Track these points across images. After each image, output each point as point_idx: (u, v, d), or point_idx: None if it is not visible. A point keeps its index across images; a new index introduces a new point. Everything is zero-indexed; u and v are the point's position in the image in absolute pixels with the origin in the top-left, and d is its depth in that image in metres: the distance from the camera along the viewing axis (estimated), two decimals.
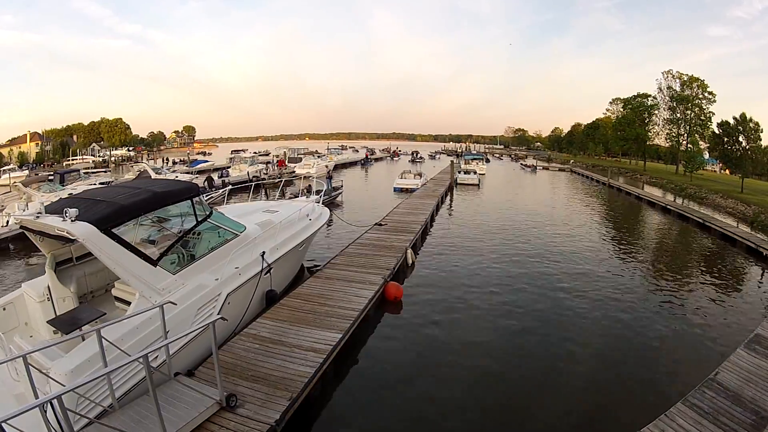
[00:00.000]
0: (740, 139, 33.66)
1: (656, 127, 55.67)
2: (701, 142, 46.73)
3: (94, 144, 79.77)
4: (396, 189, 27.82)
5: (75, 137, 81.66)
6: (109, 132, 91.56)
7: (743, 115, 33.00)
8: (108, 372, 3.74)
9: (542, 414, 5.75)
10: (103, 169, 37.97)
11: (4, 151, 57.19)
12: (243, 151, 68.82)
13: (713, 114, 47.55)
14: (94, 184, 21.49)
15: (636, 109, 56.37)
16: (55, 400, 3.16)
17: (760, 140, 33.38)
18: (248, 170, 32.16)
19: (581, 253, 13.91)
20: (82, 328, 4.63)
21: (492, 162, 65.51)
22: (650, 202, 26.67)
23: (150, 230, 6.58)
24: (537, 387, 6.37)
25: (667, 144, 55.62)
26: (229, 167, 36.19)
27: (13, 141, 64.79)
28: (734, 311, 9.54)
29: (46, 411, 3.28)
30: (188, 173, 35.37)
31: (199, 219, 6.58)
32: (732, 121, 34.10)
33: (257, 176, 29.83)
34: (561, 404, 5.95)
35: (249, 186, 17.28)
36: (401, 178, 29.54)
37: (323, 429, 5.40)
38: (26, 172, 37.36)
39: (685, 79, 50.28)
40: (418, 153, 68.64)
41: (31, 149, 59.29)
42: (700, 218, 19.77)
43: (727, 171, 48.50)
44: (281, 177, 25.20)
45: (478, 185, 33.19)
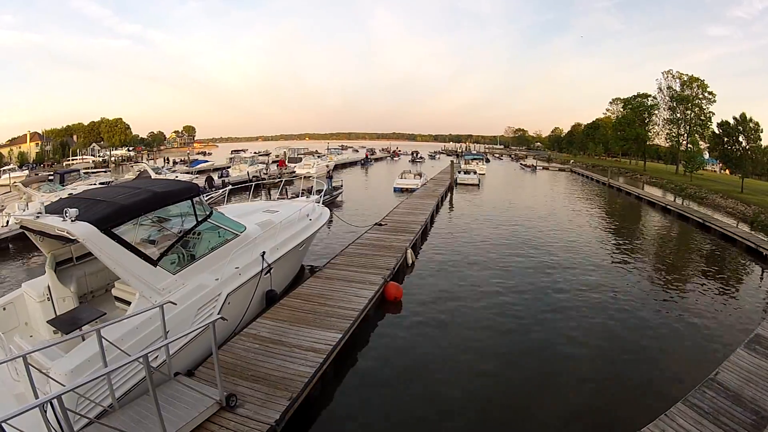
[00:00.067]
0: (740, 139, 33.70)
1: (656, 127, 55.82)
2: (701, 142, 46.72)
3: (94, 144, 79.77)
4: (396, 189, 27.81)
5: (75, 137, 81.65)
6: (109, 132, 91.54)
7: (743, 115, 33.05)
8: (108, 372, 3.74)
9: (542, 414, 5.75)
10: (103, 169, 37.96)
11: (4, 151, 57.19)
12: (243, 151, 68.84)
13: (713, 114, 47.69)
14: (94, 184, 21.49)
15: (636, 109, 56.41)
16: (55, 400, 3.16)
17: (760, 140, 33.45)
18: (248, 170, 32.18)
19: (581, 253, 13.91)
20: (82, 328, 4.63)
21: (492, 162, 65.51)
22: (650, 202, 26.67)
23: (150, 230, 6.58)
24: (537, 387, 6.37)
25: (667, 144, 55.67)
26: (229, 167, 36.21)
27: (13, 141, 64.80)
28: (734, 311, 9.55)
29: (46, 411, 3.27)
30: (188, 173, 35.39)
31: (199, 219, 6.58)
32: (732, 121, 34.14)
33: (257, 176, 29.83)
34: (561, 404, 5.95)
35: (249, 186, 17.29)
36: (401, 178, 29.53)
37: (323, 429, 5.39)
38: (26, 172, 37.37)
39: (685, 79, 50.33)
40: (418, 153, 68.66)
41: (31, 149, 59.29)
42: (700, 218, 19.77)
43: (727, 171, 48.51)
44: (281, 177, 25.21)
45: (478, 185, 33.18)
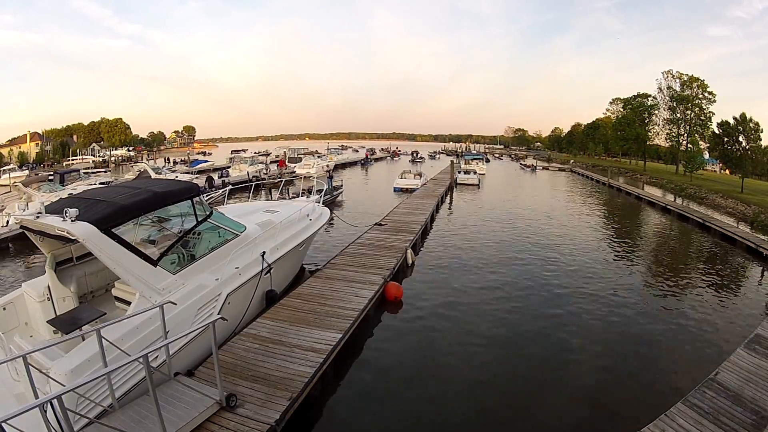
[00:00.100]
0: (740, 139, 33.71)
1: (656, 127, 55.85)
2: (701, 142, 46.69)
3: (94, 144, 79.77)
4: (396, 189, 27.82)
5: (75, 137, 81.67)
6: (109, 132, 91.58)
7: (743, 115, 33.05)
8: (108, 372, 3.74)
9: (542, 414, 5.75)
10: (103, 169, 37.95)
11: (4, 151, 57.19)
12: (243, 151, 68.81)
13: (713, 114, 47.72)
14: (94, 184, 21.50)
15: (636, 109, 56.42)
16: (55, 400, 3.16)
17: (760, 140, 33.45)
18: (248, 170, 32.19)
19: (581, 253, 13.91)
20: (82, 328, 4.63)
21: (492, 162, 65.53)
22: (650, 202, 26.66)
23: (150, 230, 6.58)
24: (537, 387, 6.37)
25: (667, 144, 55.67)
26: (229, 167, 36.20)
27: (13, 141, 64.81)
28: (734, 311, 9.54)
29: (46, 411, 3.27)
30: (188, 173, 35.39)
31: (200, 219, 6.57)
32: (732, 121, 34.14)
33: (257, 176, 29.83)
34: (561, 404, 5.94)
35: (249, 186, 17.29)
36: (401, 178, 29.53)
37: (323, 429, 5.39)
38: (26, 172, 37.36)
39: (685, 79, 50.35)
40: (418, 153, 68.71)
41: (31, 149, 59.28)
42: (700, 218, 19.76)
43: (727, 171, 48.52)
44: (281, 177, 25.21)
45: (478, 185, 33.18)
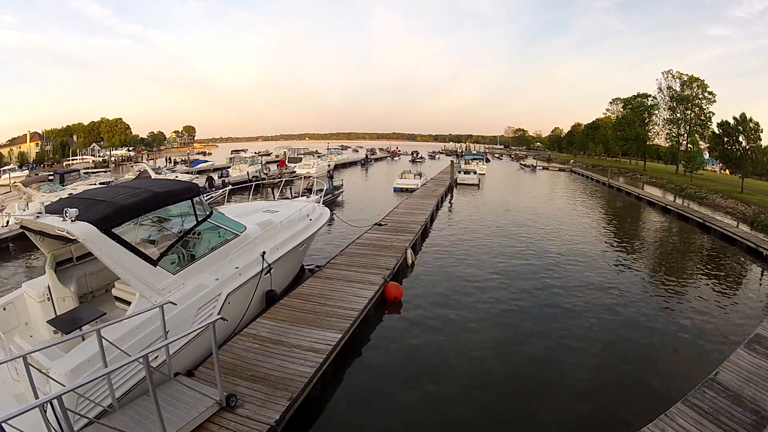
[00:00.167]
0: (740, 139, 33.72)
1: (656, 127, 55.88)
2: (701, 142, 46.69)
3: (94, 144, 79.76)
4: (396, 189, 27.82)
5: (75, 137, 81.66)
6: (109, 132, 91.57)
7: (743, 115, 33.06)
8: (108, 372, 3.74)
9: (542, 414, 5.75)
10: (103, 169, 37.95)
11: (4, 151, 57.17)
12: (243, 151, 68.76)
13: (713, 114, 47.76)
14: (94, 184, 21.49)
15: (636, 109, 56.43)
16: (55, 400, 3.16)
17: (760, 140, 33.47)
18: (248, 170, 32.19)
19: (581, 253, 13.91)
20: (82, 328, 4.63)
21: (492, 162, 65.56)
22: (650, 202, 26.67)
23: (150, 230, 6.58)
24: (537, 387, 6.37)
25: (667, 144, 55.70)
26: (229, 167, 36.20)
27: (13, 141, 64.79)
28: (734, 311, 9.54)
29: (46, 411, 3.27)
30: (188, 173, 35.39)
31: (200, 219, 6.57)
32: (732, 121, 34.16)
33: (257, 176, 29.84)
34: (561, 404, 5.94)
35: (249, 186, 17.29)
36: (401, 178, 29.54)
37: (323, 429, 5.39)
38: (26, 172, 37.33)
39: (685, 79, 50.37)
40: (418, 153, 68.78)
41: (31, 149, 59.26)
42: (700, 218, 19.77)
43: (727, 171, 48.52)
44: (281, 177, 25.21)
45: (478, 185, 33.19)
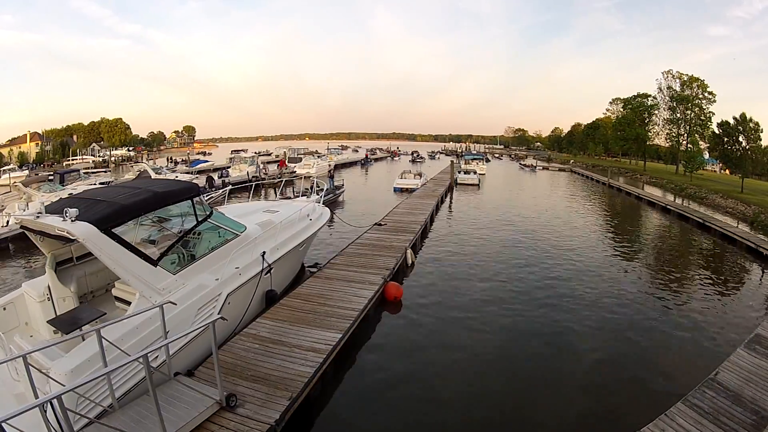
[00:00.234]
0: (740, 139, 33.71)
1: (656, 127, 55.86)
2: (701, 142, 46.69)
3: (94, 144, 79.74)
4: (396, 189, 27.83)
5: (75, 137, 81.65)
6: (109, 132, 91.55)
7: (743, 115, 33.05)
8: (108, 372, 3.74)
9: (542, 414, 5.75)
10: (103, 169, 37.99)
11: (4, 151, 57.21)
12: (243, 151, 68.73)
13: (713, 114, 47.74)
14: (94, 184, 21.49)
15: (636, 109, 56.42)
16: (55, 400, 3.16)
17: (760, 140, 33.47)
18: (248, 170, 32.18)
19: (581, 253, 13.91)
20: (82, 328, 4.63)
21: (492, 162, 65.59)
22: (650, 202, 26.66)
23: (150, 230, 6.58)
24: (537, 387, 6.37)
25: (667, 144, 55.71)
26: (229, 167, 36.19)
27: (13, 141, 64.78)
28: (734, 311, 9.55)
29: (46, 411, 3.27)
30: (188, 173, 35.39)
31: (200, 219, 6.57)
32: (732, 121, 34.15)
33: (257, 176, 29.84)
34: (561, 404, 5.94)
35: (249, 186, 17.30)
36: (401, 178, 29.54)
37: (323, 429, 5.39)
38: (26, 172, 37.35)
39: (685, 79, 50.36)
40: (418, 153, 68.80)
41: (31, 149, 59.28)
42: (700, 218, 19.77)
43: (727, 171, 48.51)
44: (281, 177, 25.21)
45: (478, 185, 33.19)
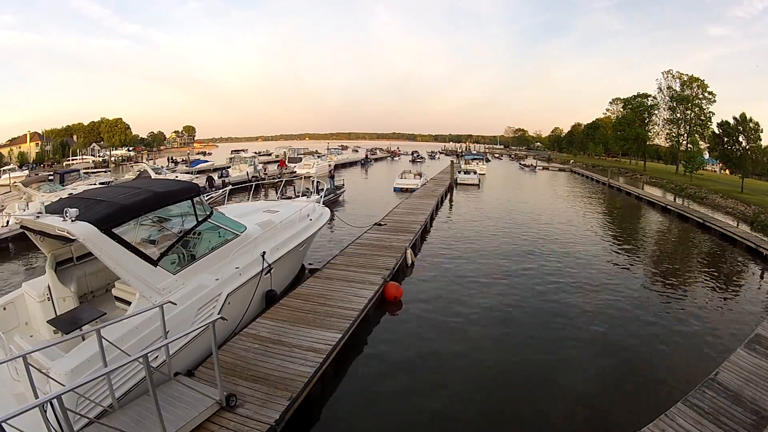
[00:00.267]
0: (740, 139, 33.70)
1: (656, 127, 55.85)
2: (701, 142, 46.71)
3: (94, 144, 79.71)
4: (396, 189, 27.83)
5: (75, 137, 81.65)
6: (109, 132, 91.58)
7: (743, 115, 33.04)
8: (108, 372, 3.74)
9: (542, 414, 5.75)
10: (103, 169, 37.99)
11: (4, 151, 57.22)
12: (243, 151, 68.70)
13: (713, 114, 47.72)
14: (94, 184, 21.49)
15: (636, 109, 56.42)
16: (55, 400, 3.16)
17: (760, 140, 33.45)
18: (248, 170, 32.19)
19: (581, 253, 13.90)
20: (82, 328, 4.63)
21: (492, 162, 65.60)
22: (650, 202, 26.66)
23: (150, 230, 6.58)
24: (537, 387, 6.37)
25: (667, 144, 55.69)
26: (229, 167, 36.18)
27: (13, 141, 64.79)
28: (734, 311, 9.55)
29: (46, 411, 3.28)
30: (188, 173, 35.39)
31: (200, 219, 6.57)
32: (732, 121, 34.13)
33: (257, 176, 29.84)
34: (561, 404, 5.94)
35: (249, 186, 17.31)
36: (401, 178, 29.55)
37: (323, 429, 5.39)
38: (26, 172, 37.36)
39: (685, 79, 50.35)
40: (418, 153, 68.84)
41: (31, 149, 59.28)
42: (700, 218, 19.76)
43: (727, 171, 48.48)
44: (281, 177, 25.22)
45: (478, 185, 33.19)
